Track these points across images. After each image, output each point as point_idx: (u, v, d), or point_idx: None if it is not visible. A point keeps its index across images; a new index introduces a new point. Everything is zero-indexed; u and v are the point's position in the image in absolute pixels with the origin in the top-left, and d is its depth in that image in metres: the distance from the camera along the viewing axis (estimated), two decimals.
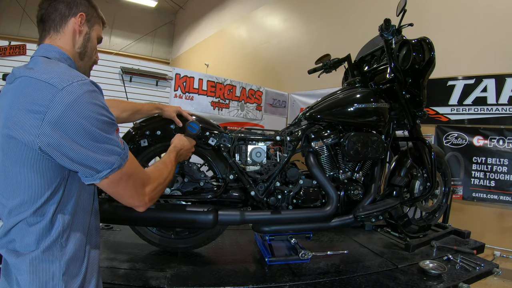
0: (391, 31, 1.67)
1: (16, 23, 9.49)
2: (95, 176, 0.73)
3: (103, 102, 0.75)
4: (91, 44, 0.93)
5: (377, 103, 1.78)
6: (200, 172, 1.60)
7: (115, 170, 0.75)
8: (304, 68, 2.45)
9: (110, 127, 0.75)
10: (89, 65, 0.96)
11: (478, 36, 3.48)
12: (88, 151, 0.70)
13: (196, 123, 1.44)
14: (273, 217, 1.59)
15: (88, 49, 0.92)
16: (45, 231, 0.73)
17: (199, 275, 1.46)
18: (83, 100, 0.70)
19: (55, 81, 0.69)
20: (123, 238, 1.86)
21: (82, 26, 0.89)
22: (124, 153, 0.78)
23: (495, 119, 3.39)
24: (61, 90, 0.68)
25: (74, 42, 0.88)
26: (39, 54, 0.82)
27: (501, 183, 3.34)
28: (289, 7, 6.39)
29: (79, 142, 0.69)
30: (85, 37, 0.91)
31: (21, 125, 0.67)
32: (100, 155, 0.72)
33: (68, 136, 0.68)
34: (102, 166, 0.73)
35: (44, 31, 0.87)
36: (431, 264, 1.65)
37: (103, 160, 0.73)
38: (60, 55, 0.84)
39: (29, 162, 0.70)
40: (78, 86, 0.70)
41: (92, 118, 0.71)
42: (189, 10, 11.60)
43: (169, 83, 4.09)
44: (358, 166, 1.82)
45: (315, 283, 1.46)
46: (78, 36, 0.89)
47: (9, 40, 3.32)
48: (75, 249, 0.77)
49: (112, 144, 0.75)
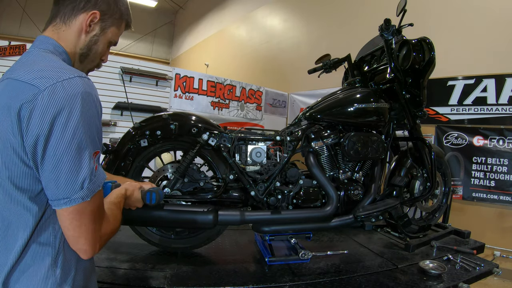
0: (391, 31, 1.67)
1: (16, 23, 9.50)
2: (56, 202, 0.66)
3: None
4: (97, 47, 0.83)
5: (377, 103, 1.78)
6: (200, 172, 1.60)
7: (76, 201, 0.66)
8: (304, 68, 2.45)
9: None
10: (87, 69, 0.86)
11: (478, 36, 3.48)
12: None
13: (157, 195, 1.14)
14: (273, 217, 1.59)
15: (92, 52, 0.83)
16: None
17: (199, 275, 1.46)
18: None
19: (37, 81, 0.64)
20: (123, 238, 1.86)
21: (92, 26, 0.80)
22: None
23: (495, 119, 3.39)
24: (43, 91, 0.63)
25: (78, 41, 0.79)
26: (33, 46, 0.76)
27: (501, 183, 3.34)
28: (289, 7, 6.39)
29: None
30: (92, 39, 0.81)
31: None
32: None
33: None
34: (63, 192, 0.65)
35: (53, 16, 0.79)
36: (431, 264, 1.65)
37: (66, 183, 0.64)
38: (54, 48, 0.76)
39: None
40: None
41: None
42: (189, 10, 11.60)
43: (169, 83, 4.09)
44: (358, 166, 1.82)
45: (315, 283, 1.45)
46: (83, 35, 0.80)
47: (9, 40, 3.32)
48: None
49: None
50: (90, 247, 0.70)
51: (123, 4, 0.86)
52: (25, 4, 9.43)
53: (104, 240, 0.75)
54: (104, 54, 0.88)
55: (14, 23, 9.49)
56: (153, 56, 12.57)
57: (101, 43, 0.84)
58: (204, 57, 9.38)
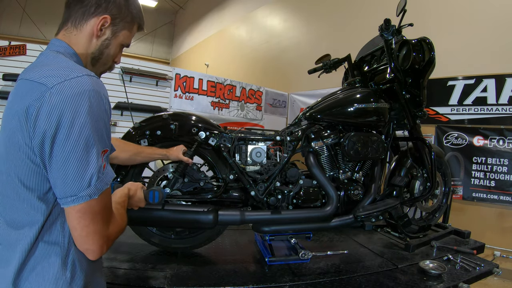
0: (391, 31, 1.67)
1: (16, 23, 9.49)
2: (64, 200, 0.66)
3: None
4: (108, 51, 0.83)
5: (377, 103, 1.78)
6: (200, 172, 1.60)
7: (84, 198, 0.65)
8: (304, 68, 2.45)
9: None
10: (100, 71, 0.86)
11: (478, 36, 3.48)
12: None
13: (160, 193, 1.16)
14: (273, 217, 1.59)
15: (104, 55, 0.82)
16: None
17: (199, 275, 1.46)
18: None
19: (45, 79, 0.65)
20: (123, 238, 1.84)
21: (103, 30, 0.80)
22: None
23: (495, 119, 3.39)
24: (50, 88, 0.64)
25: (89, 45, 0.79)
26: (46, 49, 0.77)
27: (501, 183, 3.34)
28: (289, 7, 6.39)
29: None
30: (104, 43, 0.81)
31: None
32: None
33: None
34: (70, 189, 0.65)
35: (64, 20, 0.79)
36: (431, 264, 1.65)
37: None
38: (65, 50, 0.76)
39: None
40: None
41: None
42: (189, 10, 11.61)
43: (169, 83, 4.09)
44: (358, 166, 1.82)
45: (315, 283, 1.45)
46: (95, 39, 0.79)
47: (9, 40, 3.32)
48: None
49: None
50: (98, 247, 0.69)
51: (135, 8, 0.85)
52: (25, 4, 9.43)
53: (111, 240, 0.74)
54: (116, 56, 0.87)
55: (14, 23, 9.49)
56: (153, 56, 12.57)
57: (112, 47, 0.83)
58: (204, 57, 9.38)
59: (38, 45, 3.29)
